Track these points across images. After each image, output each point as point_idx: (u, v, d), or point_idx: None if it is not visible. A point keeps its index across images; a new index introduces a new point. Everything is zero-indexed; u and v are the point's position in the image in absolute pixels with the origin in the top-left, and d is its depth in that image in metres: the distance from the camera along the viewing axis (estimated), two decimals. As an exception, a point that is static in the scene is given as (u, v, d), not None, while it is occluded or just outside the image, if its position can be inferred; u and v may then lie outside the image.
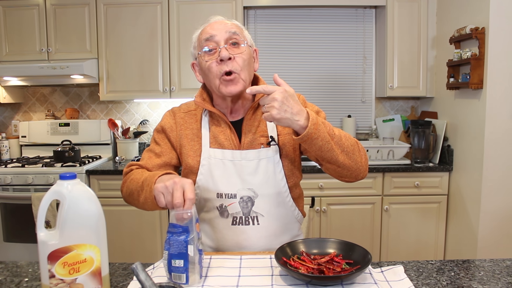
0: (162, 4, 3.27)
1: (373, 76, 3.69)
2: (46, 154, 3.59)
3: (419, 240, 3.10)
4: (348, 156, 1.27)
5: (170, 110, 1.53)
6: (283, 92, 1.15)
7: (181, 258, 1.04)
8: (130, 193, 1.33)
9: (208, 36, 1.34)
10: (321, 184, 3.03)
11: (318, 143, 1.19)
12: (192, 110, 1.50)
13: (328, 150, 1.22)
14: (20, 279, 1.13)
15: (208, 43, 1.35)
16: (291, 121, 1.16)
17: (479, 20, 2.63)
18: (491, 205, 2.65)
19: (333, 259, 1.14)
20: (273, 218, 1.40)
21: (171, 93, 3.34)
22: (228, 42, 1.34)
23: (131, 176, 1.35)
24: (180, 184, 1.09)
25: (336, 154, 1.24)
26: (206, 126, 1.44)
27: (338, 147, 1.24)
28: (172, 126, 1.47)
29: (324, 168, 1.35)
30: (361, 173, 1.34)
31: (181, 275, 1.05)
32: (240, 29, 1.40)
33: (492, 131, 2.60)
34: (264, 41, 3.64)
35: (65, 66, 3.14)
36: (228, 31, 1.35)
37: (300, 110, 1.17)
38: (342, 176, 1.34)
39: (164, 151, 1.45)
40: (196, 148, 1.42)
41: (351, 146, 1.28)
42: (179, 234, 1.04)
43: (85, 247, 0.94)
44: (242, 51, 1.35)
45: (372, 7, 3.60)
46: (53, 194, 0.94)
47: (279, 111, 1.14)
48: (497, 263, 1.21)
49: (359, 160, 1.30)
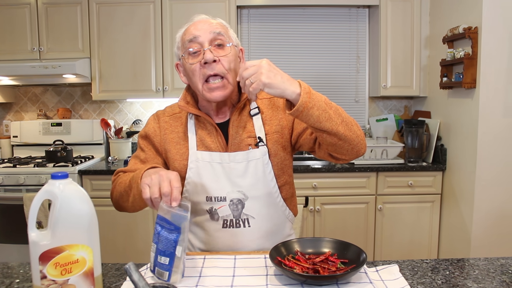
0: (155, 3, 3.25)
1: (367, 75, 3.69)
2: (38, 154, 3.55)
3: (412, 240, 3.11)
4: (348, 128, 1.20)
5: (154, 114, 1.49)
6: (267, 60, 1.12)
7: (168, 257, 1.04)
8: (119, 196, 1.31)
9: (192, 37, 1.30)
10: (314, 184, 3.03)
11: (315, 112, 1.12)
12: (177, 113, 1.46)
13: (327, 119, 1.14)
14: (11, 280, 1.12)
15: (191, 45, 1.30)
16: (283, 85, 1.10)
17: (472, 19, 2.64)
18: (484, 204, 2.67)
19: (328, 259, 1.13)
20: (264, 219, 1.38)
21: (164, 93, 3.32)
22: (212, 43, 1.30)
23: (119, 181, 1.34)
24: (166, 176, 1.07)
25: (336, 124, 1.16)
26: (192, 129, 1.41)
27: (337, 116, 1.17)
28: (156, 131, 1.44)
29: (324, 145, 1.26)
30: (362, 147, 1.26)
31: (164, 273, 1.04)
32: (225, 28, 1.36)
33: (485, 130, 2.61)
34: (257, 41, 3.63)
35: (57, 66, 3.11)
36: (212, 32, 1.30)
37: (290, 78, 1.13)
38: (342, 152, 1.25)
39: (149, 157, 1.42)
40: (183, 151, 1.40)
41: (349, 118, 1.22)
42: (170, 232, 1.03)
43: (77, 248, 0.93)
44: (227, 53, 1.31)
45: (365, 6, 3.60)
46: (45, 193, 0.92)
47: (268, 75, 1.09)
48: (491, 262, 1.21)
49: (359, 133, 1.24)
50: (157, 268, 1.06)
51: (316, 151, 1.36)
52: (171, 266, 1.04)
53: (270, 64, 1.12)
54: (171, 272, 1.04)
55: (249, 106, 1.41)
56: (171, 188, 1.05)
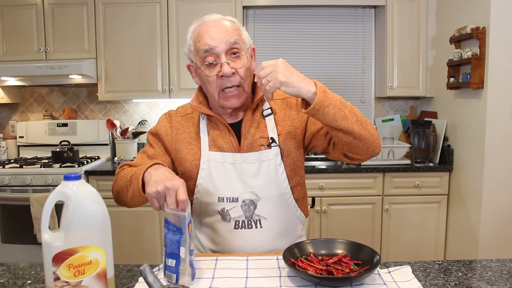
0: (161, 3, 3.25)
1: (373, 76, 3.68)
2: (44, 154, 3.56)
3: (419, 240, 3.10)
4: (363, 126, 1.20)
5: (166, 113, 1.49)
6: (283, 60, 1.12)
7: (174, 258, 1.04)
8: (120, 189, 1.30)
9: (208, 47, 1.27)
10: (321, 184, 3.02)
11: (331, 111, 1.13)
12: (189, 113, 1.46)
13: (342, 118, 1.15)
14: (23, 281, 1.11)
15: (207, 57, 1.28)
16: (299, 84, 1.11)
17: (479, 19, 2.63)
18: (492, 205, 2.65)
19: (341, 260, 1.13)
20: (276, 220, 1.37)
21: (170, 93, 3.32)
22: (229, 53, 1.28)
23: (121, 174, 1.33)
24: (173, 188, 1.06)
25: (351, 123, 1.17)
26: (204, 130, 1.40)
27: (352, 115, 1.17)
28: (167, 131, 1.44)
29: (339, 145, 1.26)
30: (377, 147, 1.26)
31: (172, 275, 1.05)
32: (239, 32, 1.33)
33: (493, 131, 2.60)
34: (263, 41, 3.63)
35: (63, 66, 3.11)
36: (228, 41, 1.27)
37: (306, 77, 1.14)
38: (357, 152, 1.25)
39: (157, 154, 1.42)
40: (195, 151, 1.39)
41: (363, 117, 1.22)
42: (174, 233, 1.04)
43: (90, 249, 0.93)
44: (244, 64, 1.30)
45: (371, 6, 3.59)
46: (58, 195, 0.92)
47: (285, 73, 1.10)
48: (504, 263, 1.20)
49: (374, 132, 1.24)
50: (166, 271, 1.06)
51: (330, 152, 1.35)
52: (178, 268, 1.04)
53: (286, 64, 1.13)
54: (178, 274, 1.04)
55: (262, 106, 1.41)
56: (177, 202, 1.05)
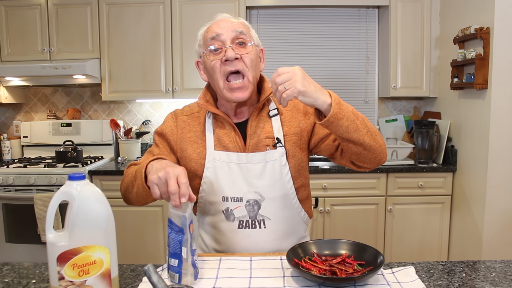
0: (164, 3, 3.25)
1: (376, 76, 3.68)
2: (48, 154, 3.57)
3: (422, 241, 3.09)
4: (373, 137, 1.22)
5: (172, 113, 1.50)
6: (300, 68, 1.12)
7: (176, 258, 1.05)
8: (126, 187, 1.31)
9: (214, 34, 1.31)
10: (324, 185, 3.02)
11: (344, 123, 1.14)
12: (195, 112, 1.46)
13: (354, 130, 1.16)
14: (27, 280, 1.12)
15: (213, 42, 1.31)
16: (315, 94, 1.10)
17: (483, 20, 2.62)
18: (496, 206, 2.64)
19: (345, 260, 1.13)
20: (280, 221, 1.38)
21: (174, 93, 3.32)
22: (234, 41, 1.31)
23: (128, 171, 1.34)
24: (173, 173, 1.06)
25: (362, 135, 1.19)
26: (210, 129, 1.40)
27: (363, 126, 1.19)
28: (173, 130, 1.44)
29: (348, 154, 1.28)
30: (384, 156, 1.29)
31: (175, 275, 1.05)
32: (247, 28, 1.36)
33: (497, 132, 2.59)
34: (267, 41, 3.63)
35: (67, 66, 3.12)
36: (234, 30, 1.31)
37: (322, 87, 1.14)
38: (365, 161, 1.28)
39: (162, 153, 1.42)
40: (200, 150, 1.39)
41: (373, 128, 1.24)
42: (176, 233, 1.04)
43: (94, 249, 0.93)
44: (248, 51, 1.32)
45: (375, 7, 3.59)
46: (62, 194, 0.92)
47: (303, 83, 1.09)
48: (508, 264, 1.19)
49: (382, 142, 1.26)
50: (169, 270, 1.07)
51: (337, 158, 1.36)
52: (180, 268, 1.04)
53: (303, 72, 1.12)
54: (181, 274, 1.04)
55: (268, 106, 1.41)
56: (179, 185, 1.05)
